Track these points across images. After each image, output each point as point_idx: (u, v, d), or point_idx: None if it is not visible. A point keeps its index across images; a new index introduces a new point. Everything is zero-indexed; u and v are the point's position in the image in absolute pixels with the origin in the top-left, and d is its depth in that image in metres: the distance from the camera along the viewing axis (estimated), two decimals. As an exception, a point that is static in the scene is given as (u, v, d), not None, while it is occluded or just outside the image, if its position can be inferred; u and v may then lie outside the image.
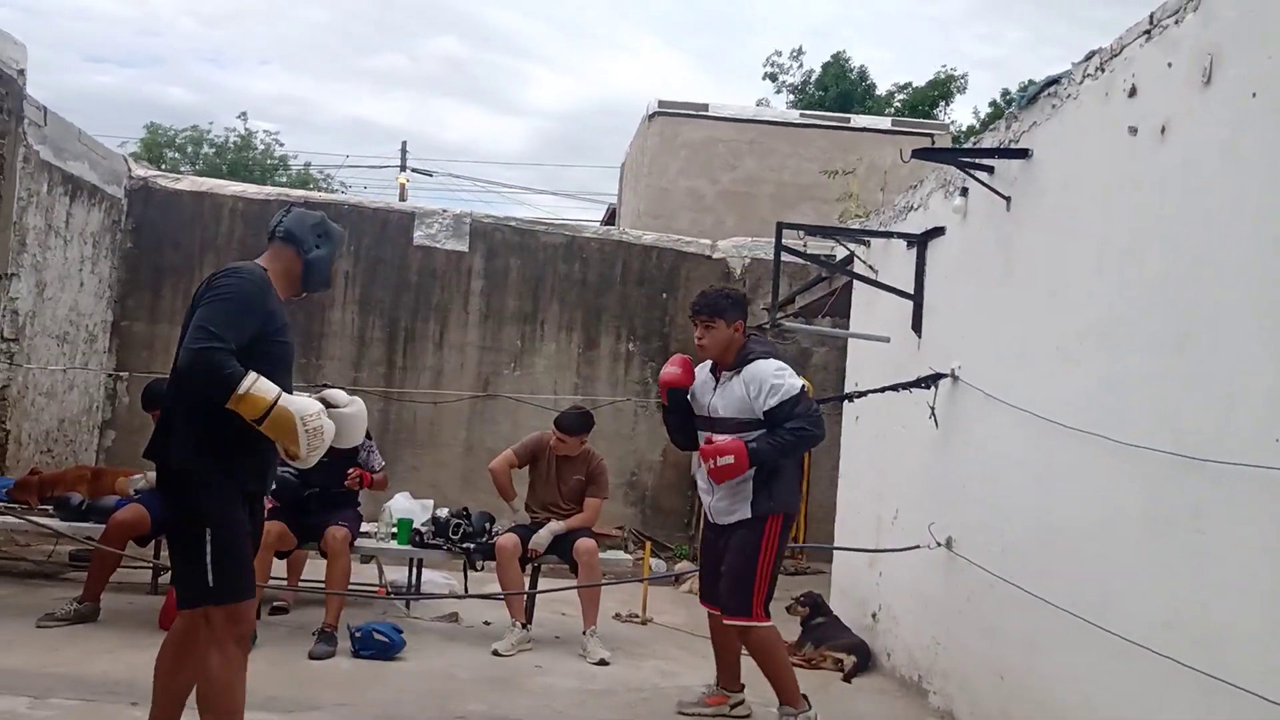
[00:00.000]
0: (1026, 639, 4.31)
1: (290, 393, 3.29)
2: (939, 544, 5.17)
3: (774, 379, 4.49)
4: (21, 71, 7.85)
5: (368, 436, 6.24)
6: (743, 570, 4.46)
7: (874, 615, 6.18)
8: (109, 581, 5.84)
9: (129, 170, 10.03)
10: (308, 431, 3.19)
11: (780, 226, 6.11)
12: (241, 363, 3.16)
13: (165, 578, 6.57)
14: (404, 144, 27.76)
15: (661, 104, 13.78)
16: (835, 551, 6.88)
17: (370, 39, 72.57)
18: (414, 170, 27.61)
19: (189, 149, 25.65)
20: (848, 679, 5.71)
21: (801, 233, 7.97)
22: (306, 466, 3.35)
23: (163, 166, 20.46)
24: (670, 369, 4.82)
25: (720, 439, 4.49)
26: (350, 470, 6.00)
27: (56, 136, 8.55)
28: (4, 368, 7.98)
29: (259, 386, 3.14)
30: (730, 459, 4.40)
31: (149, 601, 6.22)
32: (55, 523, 5.99)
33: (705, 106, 13.83)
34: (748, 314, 4.80)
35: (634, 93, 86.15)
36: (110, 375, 9.68)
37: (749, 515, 4.51)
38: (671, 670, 5.71)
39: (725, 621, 4.55)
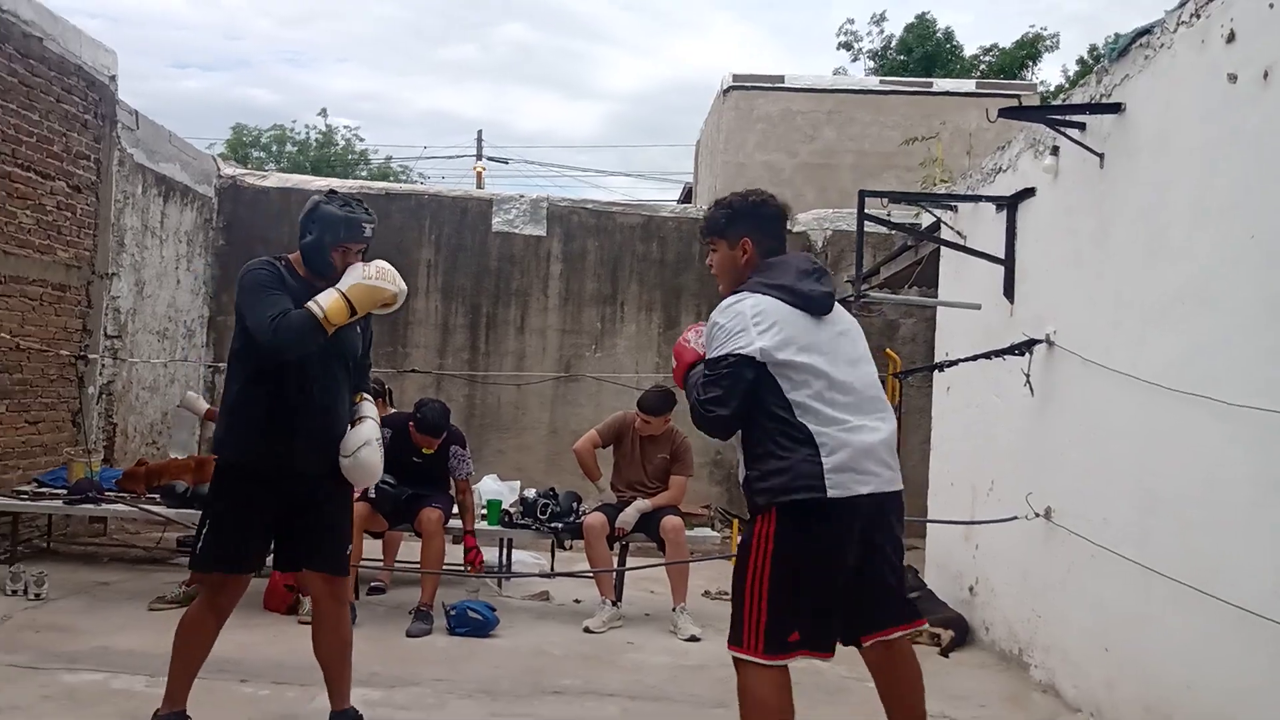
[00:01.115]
0: (1131, 609, 4.20)
1: (322, 378, 3.61)
2: (1037, 514, 5.06)
3: (717, 318, 3.14)
4: (113, 78, 8.08)
5: (462, 444, 6.25)
6: (736, 589, 3.13)
7: (971, 589, 6.07)
8: (214, 565, 6.02)
9: (218, 170, 10.29)
10: (378, 277, 3.52)
11: (863, 195, 6.01)
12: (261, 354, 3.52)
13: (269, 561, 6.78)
14: (479, 133, 27.88)
15: (736, 78, 13.65)
16: (929, 525, 6.77)
17: (441, 31, 73.45)
18: (490, 159, 27.85)
19: (273, 148, 26.25)
20: (945, 654, 5.63)
21: (885, 200, 7.85)
22: (402, 298, 3.63)
23: (249, 165, 20.94)
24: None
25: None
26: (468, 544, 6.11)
27: (148, 139, 8.79)
28: (110, 364, 8.26)
29: (323, 301, 3.44)
30: (673, 357, 3.39)
31: (254, 584, 6.33)
32: (162, 510, 6.18)
33: (781, 78, 13.68)
34: (765, 226, 3.29)
35: (707, 70, 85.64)
36: (209, 368, 9.97)
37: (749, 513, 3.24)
38: (764, 646, 5.68)
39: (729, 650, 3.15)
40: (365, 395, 3.89)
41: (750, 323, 3.04)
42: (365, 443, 3.68)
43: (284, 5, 66.74)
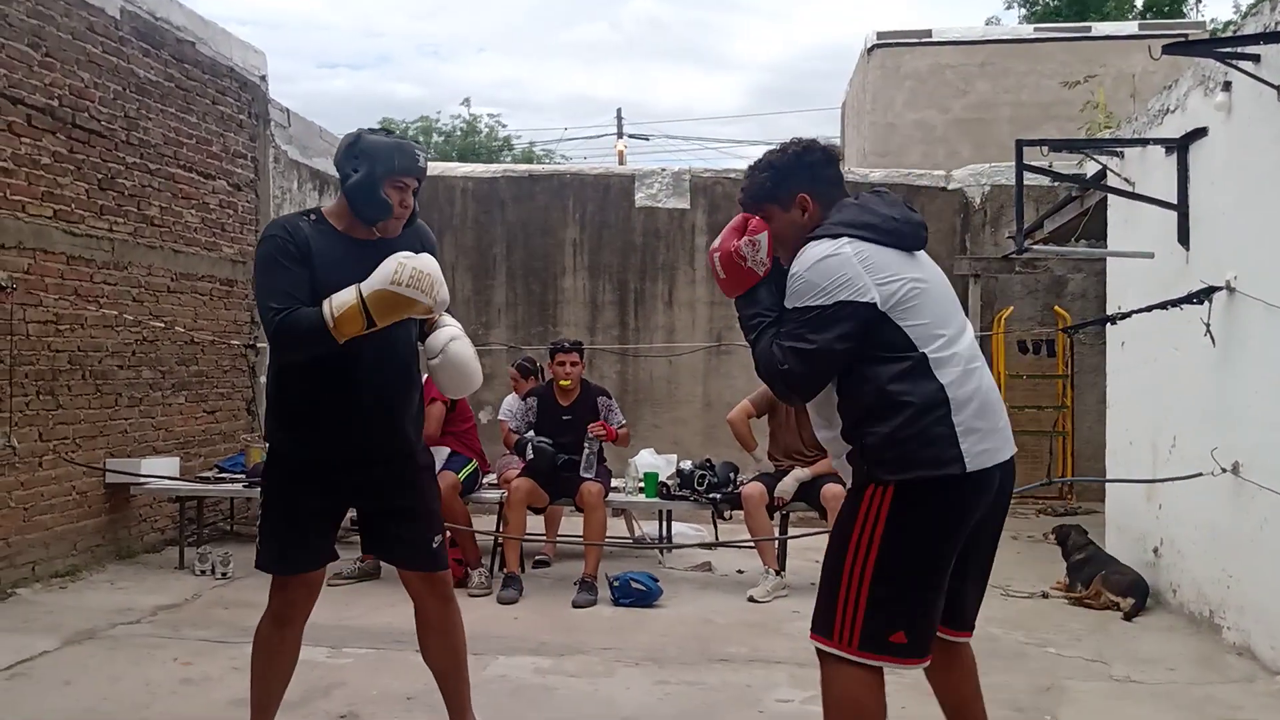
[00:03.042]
0: (1339, 567, 3.89)
1: (379, 339, 2.98)
2: (1224, 470, 4.76)
3: (804, 272, 2.58)
4: (263, 78, 8.40)
5: (607, 395, 6.35)
6: (828, 569, 2.63)
7: (1155, 550, 5.76)
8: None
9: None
10: (408, 286, 2.85)
11: (1020, 144, 5.74)
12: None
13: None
14: (619, 111, 28.15)
15: (881, 35, 13.29)
16: (1108, 486, 6.46)
17: (570, 12, 73.94)
18: (631, 136, 27.95)
19: (420, 139, 26.93)
20: (1128, 618, 5.37)
21: (1046, 150, 7.49)
22: (442, 305, 2.99)
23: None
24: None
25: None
26: (594, 424, 6.11)
27: (300, 136, 9.11)
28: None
29: (339, 302, 2.86)
30: (721, 266, 2.77)
31: (421, 560, 6.59)
32: (333, 490, 6.40)
33: (928, 33, 13.23)
34: (819, 173, 2.76)
35: (848, 31, 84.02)
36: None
37: (850, 484, 2.72)
38: (934, 613, 5.52)
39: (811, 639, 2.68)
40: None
41: (855, 263, 2.54)
42: (451, 338, 3.18)
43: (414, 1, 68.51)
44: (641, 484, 6.44)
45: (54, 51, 6.06)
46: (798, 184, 2.74)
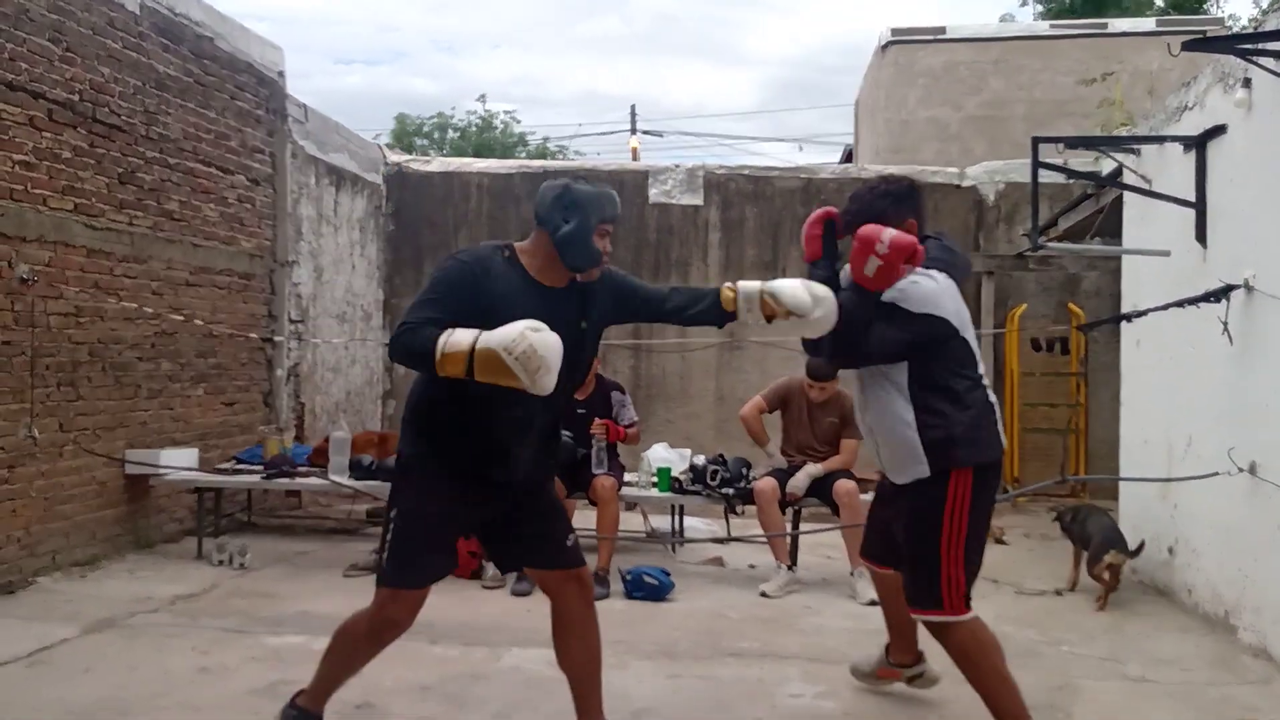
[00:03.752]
0: (1354, 566, 3.89)
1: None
2: (1240, 469, 4.76)
3: (909, 288, 3.32)
4: (281, 73, 8.44)
5: (621, 390, 6.38)
6: (924, 550, 3.27)
7: (1170, 550, 5.76)
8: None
9: (384, 158, 10.65)
10: (517, 359, 2.81)
11: (1036, 141, 5.74)
12: None
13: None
14: (633, 107, 28.10)
15: (895, 32, 13.27)
16: (1122, 485, 6.46)
17: (584, 6, 73.96)
18: (644, 132, 27.95)
19: (435, 135, 26.99)
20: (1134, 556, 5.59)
21: (1061, 147, 7.49)
22: (545, 393, 2.91)
23: (414, 154, 21.65)
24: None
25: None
26: (597, 421, 6.12)
27: (318, 131, 9.15)
28: (295, 346, 8.67)
29: (453, 340, 2.87)
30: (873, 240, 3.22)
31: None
32: (352, 483, 6.46)
33: (942, 29, 13.21)
34: (921, 208, 3.55)
35: (862, 27, 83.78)
36: (386, 347, 10.36)
37: (926, 474, 3.31)
38: (946, 610, 5.54)
39: (913, 615, 3.50)
40: None
41: (947, 296, 3.35)
42: (822, 298, 3.21)
43: (426, -6, 68.62)
44: (654, 479, 6.46)
45: (75, 46, 6.11)
46: (908, 211, 3.45)
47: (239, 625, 4.94)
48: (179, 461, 6.64)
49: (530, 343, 2.83)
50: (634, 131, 27.61)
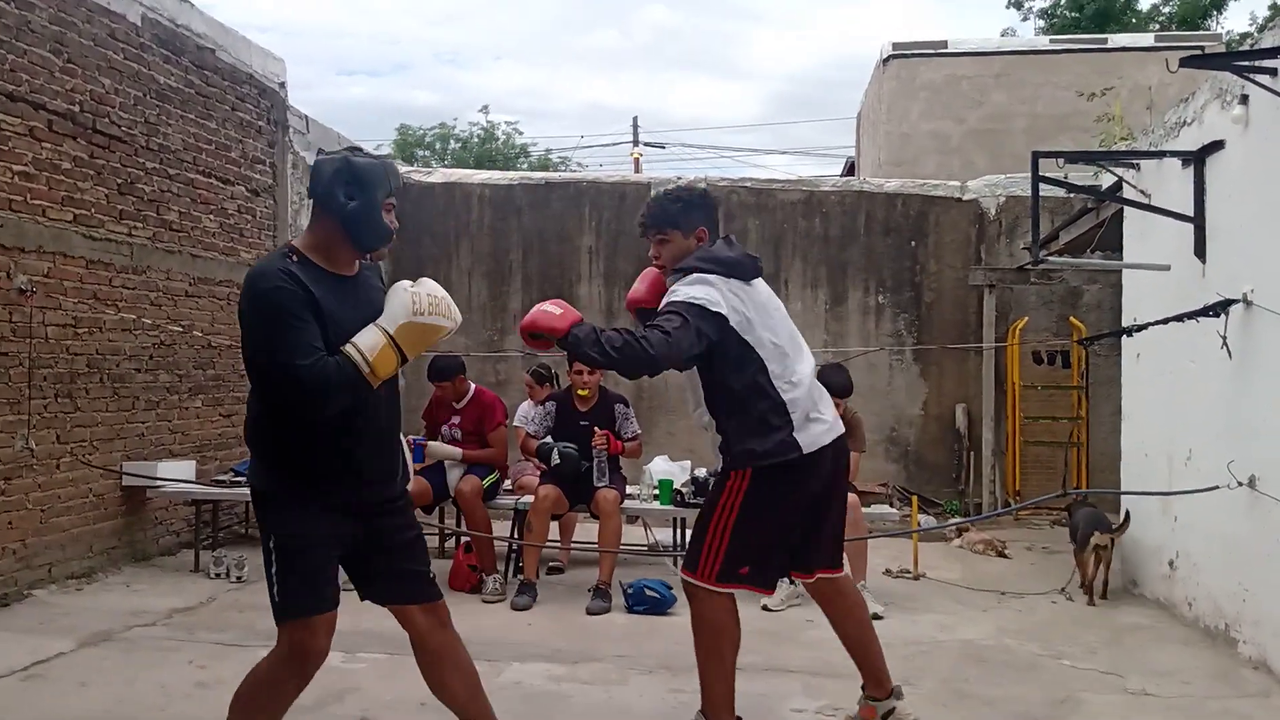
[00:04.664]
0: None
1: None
2: (1240, 483, 4.74)
3: (679, 286, 3.37)
4: (282, 84, 8.45)
5: (625, 403, 6.37)
6: (700, 522, 3.53)
7: (1170, 563, 5.74)
8: (400, 547, 6.23)
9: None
10: (429, 314, 2.79)
11: (1036, 155, 5.73)
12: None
13: (450, 543, 7.00)
14: (635, 119, 28.16)
15: (896, 46, 13.31)
16: (1123, 499, 6.44)
17: (586, 19, 74.24)
18: (646, 144, 27.97)
19: (437, 146, 27.03)
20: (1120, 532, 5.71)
21: (1062, 162, 7.50)
22: (458, 322, 2.90)
23: (415, 165, 21.66)
24: (637, 285, 3.82)
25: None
26: (597, 432, 6.10)
27: (319, 142, 9.15)
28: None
29: (366, 345, 2.73)
30: (549, 311, 3.24)
31: (438, 565, 6.51)
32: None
33: (944, 43, 13.26)
34: (716, 216, 3.63)
35: (863, 41, 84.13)
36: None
37: (719, 468, 3.59)
38: (949, 624, 5.52)
39: (682, 575, 3.58)
40: None
41: (722, 292, 3.34)
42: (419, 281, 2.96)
43: (432, 6, 68.85)
44: (656, 491, 6.44)
45: (75, 58, 6.12)
46: (700, 219, 3.56)
47: (237, 639, 4.91)
48: (176, 473, 6.62)
49: (425, 294, 2.83)
50: (636, 143, 27.64)
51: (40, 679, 4.28)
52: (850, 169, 17.18)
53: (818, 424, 3.44)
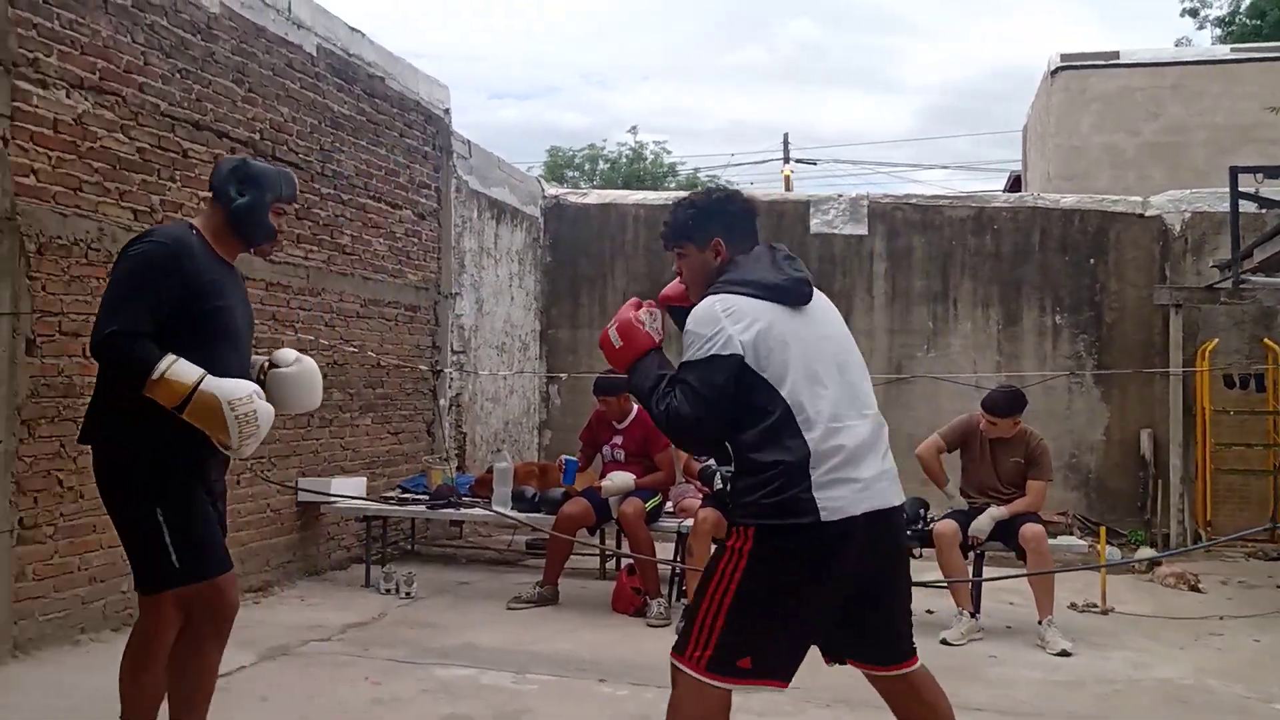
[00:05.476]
0: None
1: (238, 368, 3.02)
2: None
3: (690, 326, 2.81)
4: (447, 111, 8.61)
5: None
6: (696, 594, 2.81)
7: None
8: (563, 568, 6.20)
9: (542, 191, 10.79)
10: (238, 418, 2.84)
11: (1235, 171, 5.36)
12: (166, 337, 2.89)
13: (612, 564, 6.94)
14: (785, 136, 27.68)
15: (1065, 57, 12.78)
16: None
17: (730, 37, 74.42)
18: (798, 161, 27.63)
19: (586, 167, 27.38)
20: None
21: (1260, 176, 7.04)
22: (241, 456, 3.01)
23: (565, 186, 21.98)
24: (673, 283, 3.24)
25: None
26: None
27: (480, 166, 9.31)
28: (457, 377, 8.78)
29: (176, 370, 2.81)
30: (612, 339, 2.97)
31: (600, 586, 6.60)
32: (514, 514, 6.44)
33: (1116, 54, 12.66)
34: (736, 223, 2.99)
35: (1023, 53, 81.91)
36: (545, 379, 10.42)
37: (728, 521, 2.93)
38: (1144, 662, 5.16)
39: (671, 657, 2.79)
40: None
41: (724, 319, 2.73)
42: (301, 355, 3.29)
43: (578, 26, 70.21)
44: (823, 517, 6.22)
45: (256, 87, 6.33)
46: (715, 228, 2.95)
47: (408, 656, 4.92)
48: (348, 490, 6.74)
49: (255, 408, 2.88)
50: (787, 160, 27.32)
51: (224, 691, 4.32)
52: (1015, 183, 16.59)
53: (847, 485, 2.67)
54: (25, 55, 4.71)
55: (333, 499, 6.62)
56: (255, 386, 2.97)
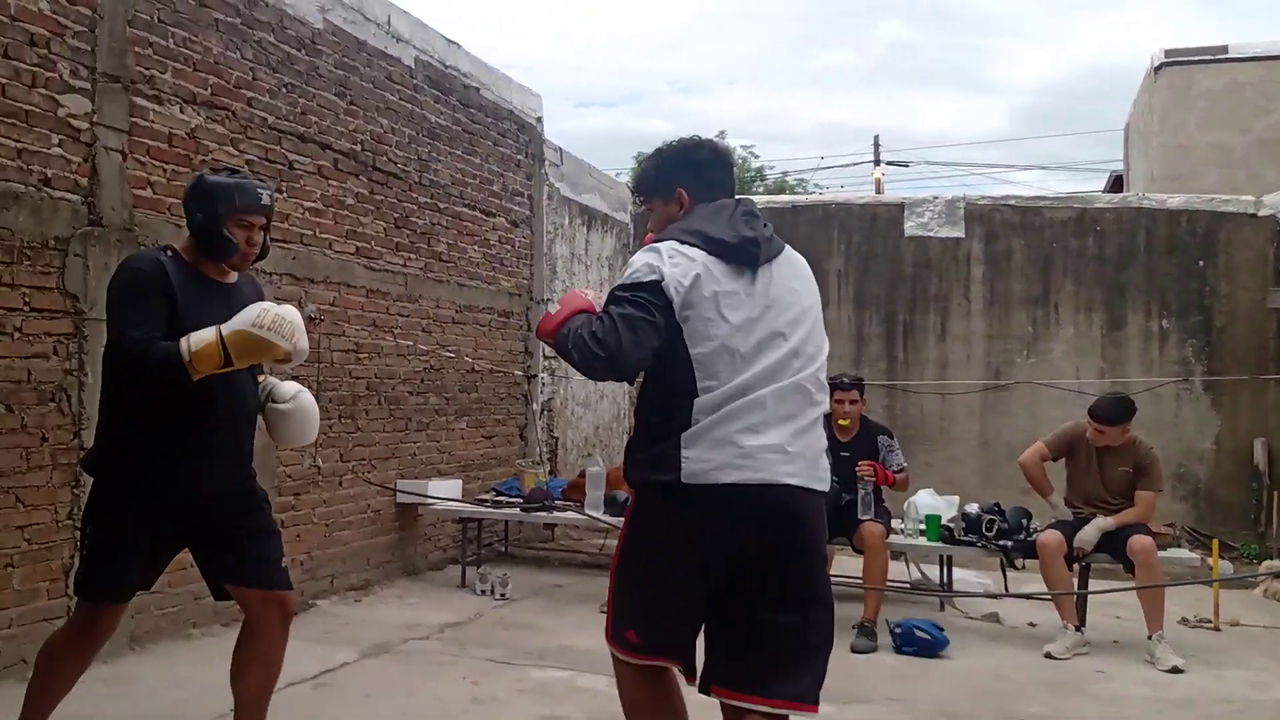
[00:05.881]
0: None
1: (224, 382, 3.06)
2: None
3: (629, 265, 2.61)
4: (539, 119, 8.70)
5: (889, 434, 6.10)
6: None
7: None
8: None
9: (632, 196, 10.82)
10: (269, 329, 2.92)
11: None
12: None
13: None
14: (876, 138, 27.39)
15: (1169, 53, 12.37)
16: None
17: (817, 39, 73.80)
18: (889, 163, 27.27)
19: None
20: None
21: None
22: (301, 355, 3.04)
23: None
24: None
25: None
26: (862, 462, 5.84)
27: (571, 173, 9.38)
28: (549, 382, 8.86)
29: (196, 342, 2.91)
30: (550, 311, 2.75)
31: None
32: (606, 518, 6.47)
33: (1224, 49, 12.21)
34: (701, 170, 2.76)
35: (1121, 51, 80.00)
36: (633, 384, 10.43)
37: None
38: (1263, 681, 4.97)
39: None
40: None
41: (664, 261, 2.51)
42: (301, 389, 3.36)
43: (663, 33, 70.39)
44: (922, 526, 6.13)
45: (357, 100, 6.47)
46: (676, 177, 2.76)
47: (505, 656, 4.98)
48: (445, 492, 6.86)
49: (274, 313, 2.94)
50: (877, 163, 26.99)
51: (328, 687, 4.46)
52: (1116, 183, 16.13)
53: (723, 449, 2.45)
54: (142, 73, 4.90)
55: (430, 500, 6.74)
56: (262, 304, 3.02)
